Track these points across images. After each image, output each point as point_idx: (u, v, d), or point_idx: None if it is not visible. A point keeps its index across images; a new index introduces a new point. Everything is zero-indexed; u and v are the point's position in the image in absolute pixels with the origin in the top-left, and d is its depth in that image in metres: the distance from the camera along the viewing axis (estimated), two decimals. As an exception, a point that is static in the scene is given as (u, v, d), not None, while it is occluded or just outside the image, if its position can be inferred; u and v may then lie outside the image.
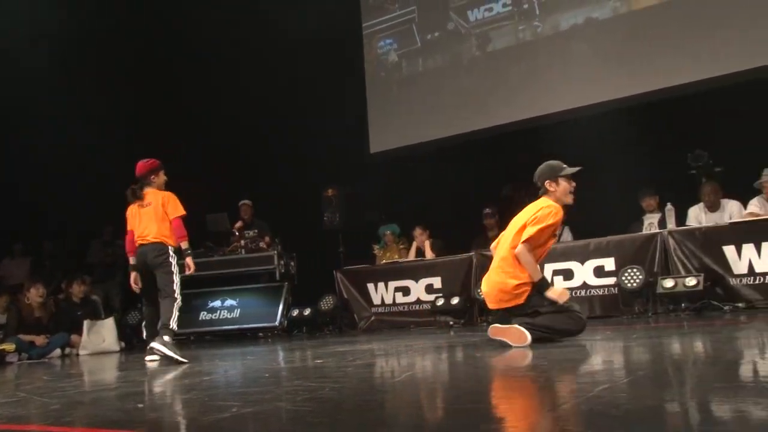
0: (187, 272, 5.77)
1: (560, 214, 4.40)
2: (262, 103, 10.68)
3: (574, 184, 4.49)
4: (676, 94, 8.29)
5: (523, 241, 4.31)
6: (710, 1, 8.29)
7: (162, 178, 5.87)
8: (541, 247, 4.44)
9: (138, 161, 5.86)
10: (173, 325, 5.38)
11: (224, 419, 2.35)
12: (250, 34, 10.64)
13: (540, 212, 4.36)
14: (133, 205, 5.76)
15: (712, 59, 8.10)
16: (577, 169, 4.49)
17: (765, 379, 2.54)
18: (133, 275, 5.75)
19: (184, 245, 5.72)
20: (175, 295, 5.48)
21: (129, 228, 5.76)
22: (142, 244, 5.64)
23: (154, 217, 5.63)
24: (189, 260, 5.76)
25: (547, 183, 4.47)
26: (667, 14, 8.59)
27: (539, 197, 4.52)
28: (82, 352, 8.03)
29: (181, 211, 5.71)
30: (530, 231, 4.30)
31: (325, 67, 10.40)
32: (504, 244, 4.54)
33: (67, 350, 8.06)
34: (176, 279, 5.56)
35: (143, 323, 5.92)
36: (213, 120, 10.97)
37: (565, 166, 4.49)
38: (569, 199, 4.48)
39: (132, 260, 5.76)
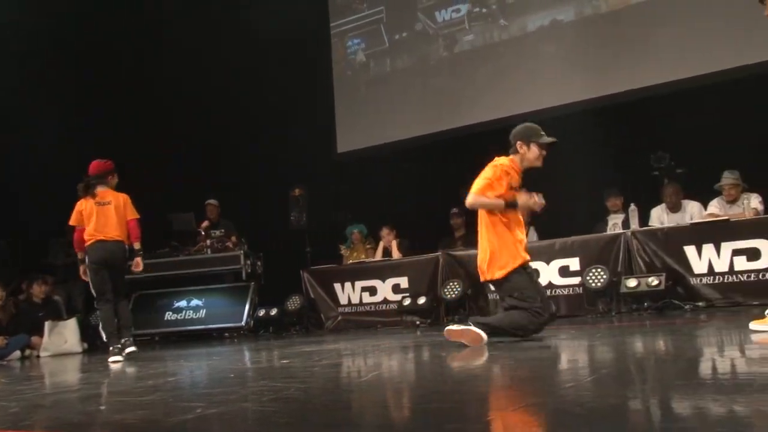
0: (135, 270, 6.14)
1: (509, 171, 4.39)
2: (229, 102, 10.59)
3: (545, 152, 4.52)
4: (640, 97, 8.40)
5: (472, 192, 4.35)
6: (673, 6, 8.42)
7: (116, 179, 6.12)
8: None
9: (92, 160, 6.08)
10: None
11: (189, 420, 2.32)
12: (218, 33, 10.56)
13: (486, 170, 4.42)
14: (87, 202, 5.91)
15: (675, 62, 8.24)
16: (552, 140, 4.53)
17: (723, 376, 2.59)
18: (81, 268, 5.94)
19: (137, 246, 6.02)
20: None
21: (78, 223, 5.93)
22: (104, 240, 5.81)
23: (116, 216, 5.88)
24: (139, 260, 6.12)
25: (518, 143, 4.50)
26: (631, 18, 8.72)
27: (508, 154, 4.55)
28: (43, 353, 7.86)
29: (137, 214, 6.06)
30: (476, 184, 4.36)
31: (292, 67, 10.37)
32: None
33: (28, 352, 7.89)
34: None
35: (101, 324, 5.95)
36: (179, 119, 10.84)
37: (543, 133, 4.53)
38: (538, 163, 4.52)
39: (81, 255, 5.93)
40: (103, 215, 5.86)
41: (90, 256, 5.85)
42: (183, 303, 9.04)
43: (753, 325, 3.72)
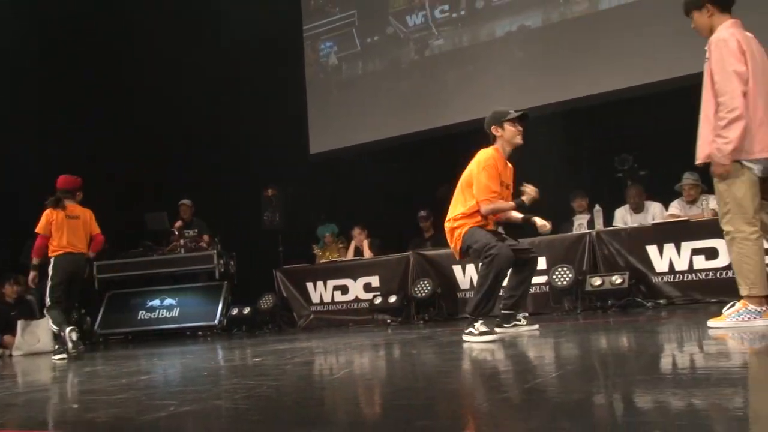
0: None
1: (496, 165, 4.48)
2: (203, 104, 10.49)
3: (520, 128, 4.58)
4: (604, 101, 8.51)
5: (480, 201, 4.41)
6: (637, 14, 8.53)
7: (81, 195, 6.44)
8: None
9: (60, 175, 6.40)
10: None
11: (161, 418, 2.30)
12: (193, 35, 10.46)
13: (481, 173, 4.46)
14: (57, 213, 6.22)
15: (639, 68, 8.34)
16: (520, 112, 4.59)
17: (682, 371, 2.63)
18: (32, 274, 6.26)
19: (92, 255, 6.62)
20: None
21: (46, 232, 6.18)
22: (73, 253, 6.18)
23: (83, 231, 6.28)
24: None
25: (493, 129, 4.57)
26: (597, 24, 8.83)
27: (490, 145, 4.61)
28: (15, 352, 7.72)
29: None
30: (481, 190, 4.41)
31: (266, 69, 10.32)
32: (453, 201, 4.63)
33: (0, 351, 7.75)
34: None
35: (54, 324, 6.13)
36: (153, 120, 10.73)
37: (510, 111, 4.58)
38: (518, 140, 4.59)
39: (37, 261, 6.22)
40: (72, 229, 6.19)
41: (59, 267, 6.14)
42: (156, 302, 8.96)
43: (711, 323, 3.80)
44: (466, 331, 4.30)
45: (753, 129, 3.64)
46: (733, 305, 3.77)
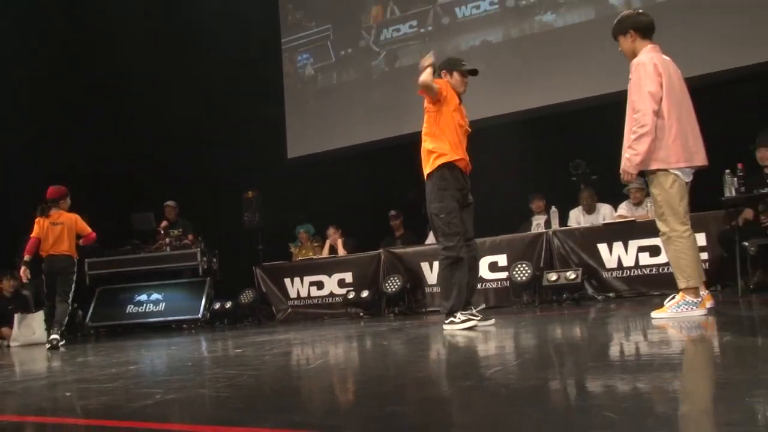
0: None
1: (446, 87, 4.52)
2: (188, 111, 10.42)
3: (467, 80, 4.61)
4: (560, 111, 8.60)
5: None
6: (589, 33, 8.63)
7: (68, 202, 6.83)
8: (445, 118, 4.52)
9: (49, 186, 6.80)
10: (64, 323, 6.60)
11: (149, 405, 2.29)
12: (178, 46, 10.38)
13: None
14: (44, 221, 6.66)
15: (591, 82, 8.43)
16: (471, 68, 4.62)
17: (629, 358, 2.69)
18: (23, 268, 6.65)
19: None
20: (69, 301, 6.68)
21: (35, 235, 6.64)
22: (54, 255, 6.60)
23: (66, 235, 6.66)
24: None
25: (443, 73, 4.63)
26: (552, 41, 8.93)
27: None
28: (13, 343, 7.75)
29: (90, 229, 6.84)
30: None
31: (246, 79, 10.29)
32: None
33: (-2, 342, 7.72)
34: (73, 287, 6.71)
35: (44, 319, 6.85)
36: (141, 127, 10.63)
37: (464, 63, 4.64)
38: (461, 89, 4.64)
39: (28, 258, 6.62)
40: (53, 234, 6.62)
41: (44, 267, 6.68)
42: (144, 297, 8.91)
43: (654, 314, 3.88)
44: (447, 321, 4.37)
45: (669, 143, 3.81)
46: (673, 298, 3.87)
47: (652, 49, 4.00)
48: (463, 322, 4.36)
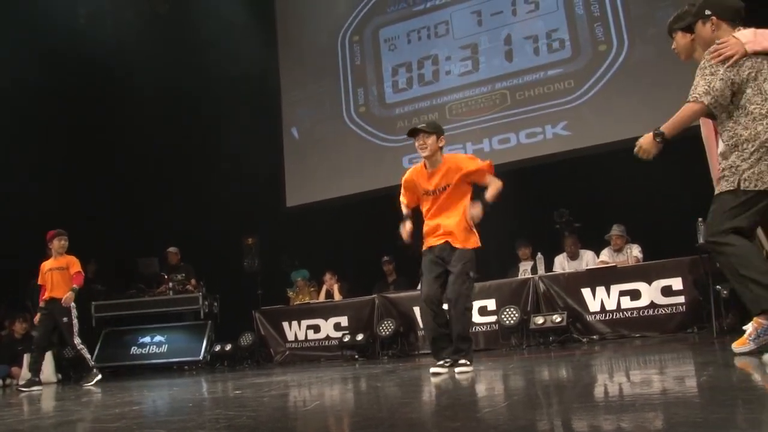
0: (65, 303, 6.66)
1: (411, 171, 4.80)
2: (192, 161, 10.50)
3: (417, 143, 4.72)
4: (544, 163, 8.71)
5: None
6: (571, 82, 8.80)
7: (57, 244, 6.74)
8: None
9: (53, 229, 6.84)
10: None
11: (150, 447, 2.26)
12: (180, 88, 10.42)
13: None
14: (44, 266, 6.80)
15: (572, 135, 8.59)
16: (410, 128, 4.75)
17: (612, 398, 2.67)
18: (37, 316, 6.79)
19: (75, 287, 6.70)
20: (74, 342, 6.71)
21: (40, 282, 6.81)
22: (54, 299, 6.63)
23: (61, 279, 6.68)
24: (71, 294, 6.68)
25: (440, 138, 4.83)
26: (536, 95, 9.06)
27: None
28: (22, 383, 7.57)
29: (80, 268, 6.80)
30: None
31: (248, 131, 10.35)
32: None
33: (8, 381, 7.71)
34: (76, 328, 6.69)
35: (29, 364, 6.90)
36: (148, 177, 10.67)
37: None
38: (421, 153, 4.74)
39: (42, 305, 6.75)
40: (51, 279, 6.69)
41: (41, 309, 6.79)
42: (147, 339, 8.84)
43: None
44: (462, 362, 4.27)
45: None
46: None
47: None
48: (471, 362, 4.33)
